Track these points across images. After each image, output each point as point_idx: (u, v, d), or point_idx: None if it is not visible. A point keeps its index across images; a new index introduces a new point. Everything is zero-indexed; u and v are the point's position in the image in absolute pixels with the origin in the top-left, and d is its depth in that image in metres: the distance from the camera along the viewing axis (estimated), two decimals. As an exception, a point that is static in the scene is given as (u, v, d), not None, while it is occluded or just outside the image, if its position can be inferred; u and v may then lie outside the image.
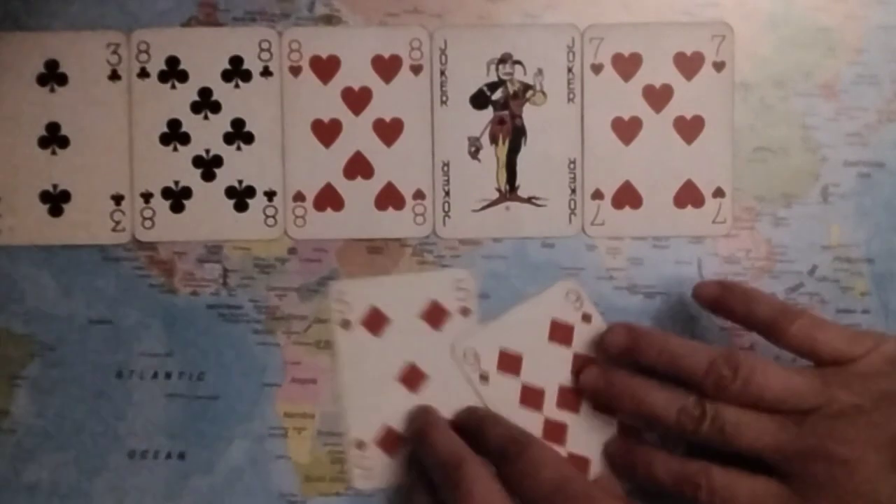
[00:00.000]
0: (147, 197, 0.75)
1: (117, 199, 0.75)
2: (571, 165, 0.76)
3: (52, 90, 0.75)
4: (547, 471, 0.68)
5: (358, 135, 0.76)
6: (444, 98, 0.76)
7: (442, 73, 0.76)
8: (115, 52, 0.75)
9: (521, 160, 0.76)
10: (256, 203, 0.75)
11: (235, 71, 0.75)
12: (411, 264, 0.76)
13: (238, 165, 0.75)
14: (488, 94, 0.76)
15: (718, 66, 0.76)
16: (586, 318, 0.76)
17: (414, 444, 0.75)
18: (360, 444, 0.76)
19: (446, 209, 0.76)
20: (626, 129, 0.76)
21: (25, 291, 0.76)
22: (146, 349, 0.76)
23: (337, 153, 0.76)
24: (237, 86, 0.75)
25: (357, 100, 0.76)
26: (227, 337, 0.76)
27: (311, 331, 0.76)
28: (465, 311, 0.76)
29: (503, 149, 0.76)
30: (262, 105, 0.75)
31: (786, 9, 0.76)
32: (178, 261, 0.76)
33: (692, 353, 0.70)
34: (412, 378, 0.76)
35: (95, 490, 0.76)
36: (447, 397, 0.76)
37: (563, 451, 0.76)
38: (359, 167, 0.76)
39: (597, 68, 0.76)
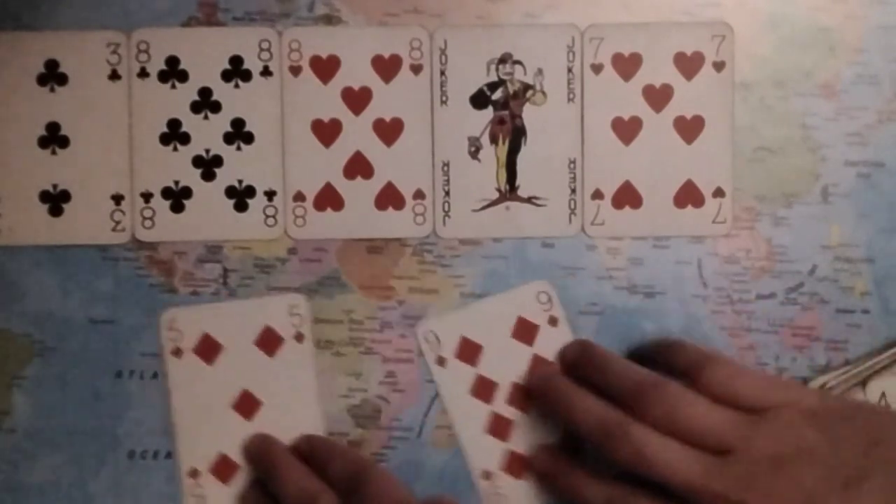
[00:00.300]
0: (147, 197, 0.75)
1: (117, 198, 0.75)
2: (571, 165, 0.76)
3: (52, 90, 0.75)
4: (388, 499, 0.68)
5: (358, 135, 0.76)
6: (444, 98, 0.76)
7: (442, 72, 0.76)
8: (114, 52, 0.75)
9: (521, 160, 0.76)
10: (256, 203, 0.75)
11: (235, 71, 0.75)
12: (411, 264, 0.76)
13: (238, 165, 0.75)
14: (488, 93, 0.76)
15: (718, 66, 0.76)
16: (553, 321, 0.76)
17: (261, 477, 0.75)
18: (194, 473, 0.76)
19: (446, 209, 0.76)
20: (626, 129, 0.76)
21: (25, 291, 0.76)
22: (146, 349, 0.76)
23: (337, 153, 0.76)
24: (237, 86, 0.75)
25: (357, 100, 0.76)
26: (227, 337, 0.77)
27: (311, 331, 0.76)
28: (299, 337, 0.76)
29: (503, 149, 0.76)
30: (262, 105, 0.75)
31: (786, 9, 0.76)
32: (178, 261, 0.76)
33: (625, 373, 0.71)
34: (246, 405, 0.76)
35: (95, 490, 0.76)
36: (282, 424, 0.76)
37: (504, 447, 0.76)
38: (359, 167, 0.76)
39: (597, 68, 0.76)
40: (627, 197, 0.76)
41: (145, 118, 0.75)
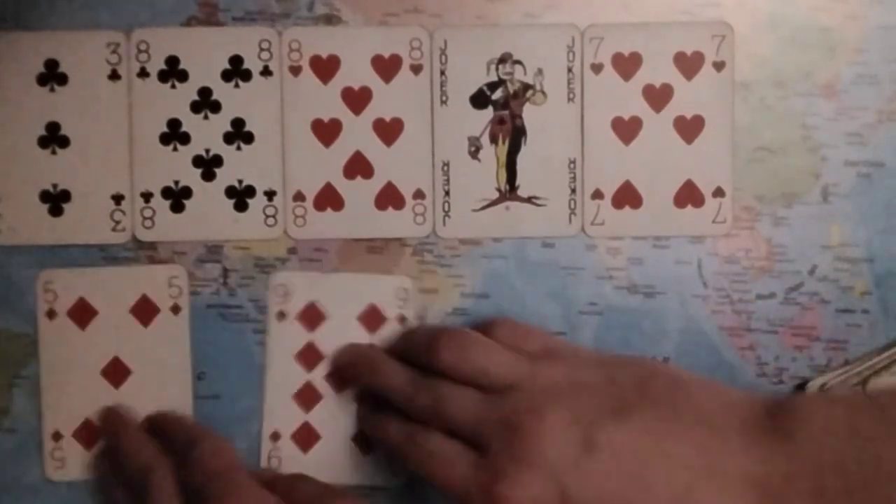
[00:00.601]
0: (147, 197, 0.75)
1: (117, 198, 0.75)
2: (571, 165, 0.76)
3: (52, 90, 0.74)
4: (213, 461, 0.69)
5: (358, 134, 0.76)
6: (444, 98, 0.76)
7: (442, 72, 0.76)
8: (114, 52, 0.75)
9: (521, 160, 0.76)
10: (256, 203, 0.75)
11: (235, 71, 0.75)
12: (411, 264, 0.76)
13: (238, 165, 0.75)
14: (488, 93, 0.76)
15: (718, 66, 0.76)
16: (401, 319, 0.76)
17: (107, 446, 0.75)
18: (56, 436, 0.76)
19: (446, 209, 0.76)
20: (626, 129, 0.76)
21: (25, 291, 0.76)
22: (146, 349, 0.76)
23: (337, 153, 0.76)
24: (237, 85, 0.75)
25: (357, 99, 0.76)
26: (227, 337, 0.76)
27: (311, 331, 0.77)
28: (175, 309, 0.76)
29: (503, 149, 0.76)
30: (262, 105, 0.75)
31: (786, 9, 0.76)
32: (178, 261, 0.76)
33: (419, 330, 0.74)
34: (116, 372, 0.76)
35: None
36: (150, 394, 0.76)
37: (303, 417, 0.76)
38: (359, 167, 0.76)
39: (597, 68, 0.76)
40: (627, 197, 0.76)
41: (145, 118, 0.75)
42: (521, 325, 0.74)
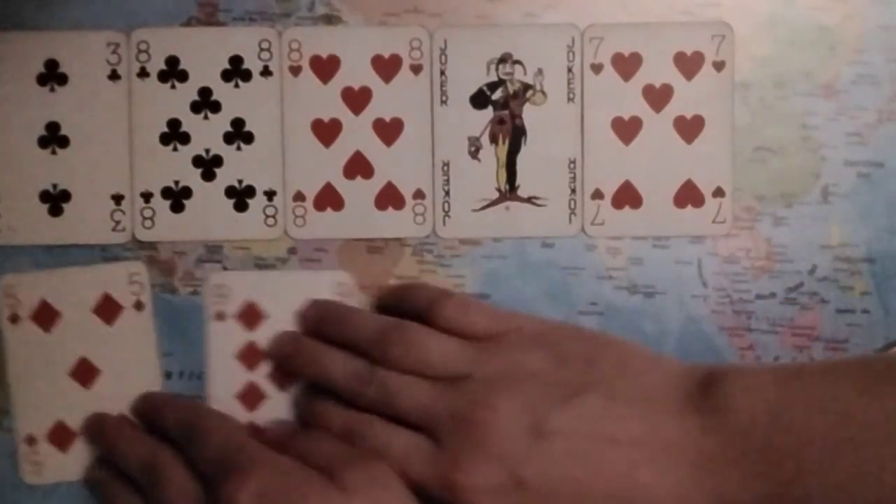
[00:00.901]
0: (147, 197, 0.75)
1: (117, 198, 0.75)
2: (571, 165, 0.76)
3: (52, 90, 0.74)
4: (221, 436, 0.69)
5: (358, 134, 0.76)
6: (444, 98, 0.76)
7: (442, 72, 0.76)
8: (114, 52, 0.74)
9: (521, 160, 0.76)
10: (256, 203, 0.75)
11: (235, 71, 0.75)
12: (411, 264, 0.76)
13: (238, 165, 0.75)
14: (488, 93, 0.76)
15: (718, 66, 0.76)
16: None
17: (107, 454, 0.75)
18: (31, 440, 0.76)
19: (446, 209, 0.76)
20: (626, 129, 0.76)
21: (25, 291, 0.76)
22: (146, 349, 0.76)
23: (337, 153, 0.76)
24: (237, 85, 0.75)
25: (357, 99, 0.76)
26: (227, 337, 0.77)
27: (310, 331, 0.76)
28: (139, 305, 0.76)
29: (503, 149, 0.76)
30: (262, 105, 0.75)
31: (786, 9, 0.76)
32: (178, 261, 0.76)
33: (366, 322, 0.73)
34: (84, 373, 0.76)
35: (95, 490, 0.76)
36: (121, 392, 0.76)
37: (248, 416, 0.76)
38: (359, 167, 0.76)
39: (597, 68, 0.76)
40: (627, 197, 0.76)
41: (145, 118, 0.75)
42: (465, 302, 0.74)
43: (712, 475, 0.65)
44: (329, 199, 0.76)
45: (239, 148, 0.75)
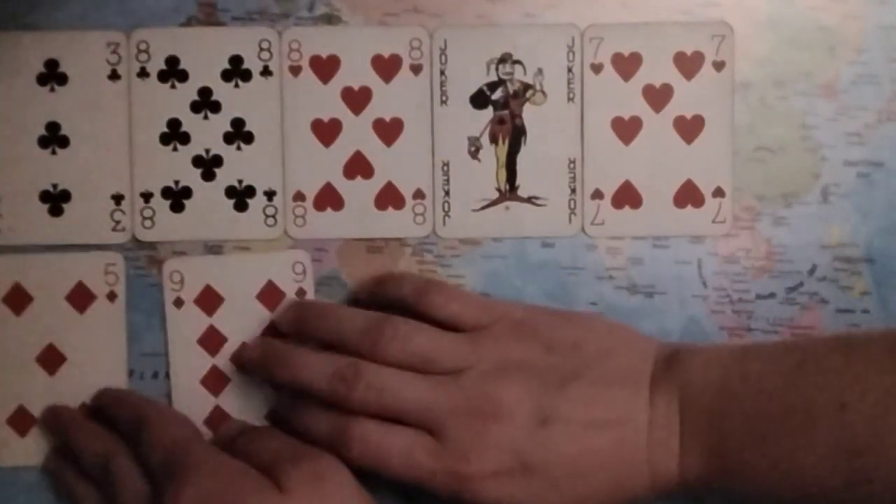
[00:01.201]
0: (147, 197, 0.75)
1: (117, 198, 0.75)
2: (571, 165, 0.76)
3: (52, 90, 0.74)
4: (166, 436, 0.69)
5: (358, 134, 0.76)
6: (443, 98, 0.76)
7: (442, 72, 0.76)
8: (114, 52, 0.74)
9: (521, 160, 0.76)
10: (256, 203, 0.75)
11: (235, 70, 0.75)
12: (411, 264, 0.76)
13: (238, 165, 0.75)
14: (488, 93, 0.76)
15: (718, 66, 0.76)
16: (301, 293, 0.76)
17: (65, 446, 0.75)
18: None
19: (446, 209, 0.76)
20: (626, 129, 0.76)
21: (25, 291, 0.76)
22: (146, 349, 0.76)
23: (337, 153, 0.76)
24: (237, 85, 0.75)
25: (357, 99, 0.76)
26: (227, 336, 0.77)
27: (310, 330, 0.76)
28: (111, 296, 0.76)
29: (503, 148, 0.76)
30: (262, 105, 0.75)
31: (786, 9, 0.76)
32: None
33: (350, 319, 0.72)
34: (50, 359, 0.76)
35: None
36: (85, 382, 0.76)
37: (213, 401, 0.76)
38: (359, 167, 0.76)
39: (597, 68, 0.76)
40: (627, 197, 0.76)
41: (145, 118, 0.75)
42: (450, 291, 0.74)
43: (677, 447, 0.69)
44: (329, 198, 0.76)
45: (239, 148, 0.75)
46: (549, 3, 0.76)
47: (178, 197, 0.75)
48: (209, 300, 0.76)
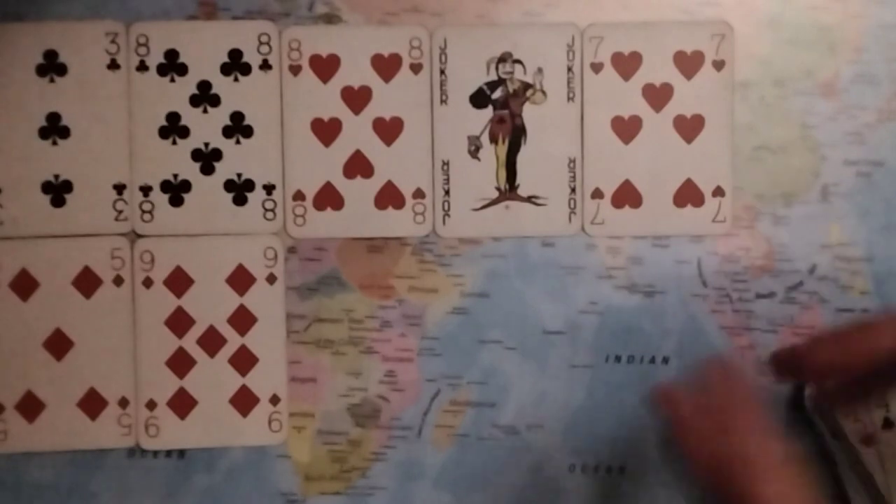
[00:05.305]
0: (146, 190, 0.75)
1: (119, 188, 0.75)
2: (571, 164, 0.76)
3: (52, 80, 0.75)
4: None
5: (358, 134, 0.76)
6: (443, 97, 0.76)
7: (442, 71, 0.76)
8: (113, 42, 0.75)
9: (521, 159, 0.76)
10: (255, 197, 0.75)
11: (234, 64, 0.75)
12: (411, 263, 0.76)
13: (237, 159, 0.75)
14: (488, 92, 0.76)
15: (718, 66, 0.76)
16: (271, 279, 0.76)
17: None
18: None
19: (446, 208, 0.76)
20: (626, 128, 0.76)
21: (24, 288, 0.76)
22: (145, 346, 0.76)
23: (337, 152, 0.76)
24: (236, 79, 0.75)
25: (357, 99, 0.76)
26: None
27: (311, 330, 0.76)
28: (118, 281, 0.76)
29: (503, 148, 0.76)
30: (262, 98, 0.75)
31: (786, 8, 0.76)
32: (177, 258, 0.76)
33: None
34: (58, 344, 0.76)
35: (96, 489, 0.76)
36: (92, 366, 0.76)
37: (177, 383, 0.76)
38: (358, 166, 0.76)
39: (597, 67, 0.76)
40: (627, 196, 0.76)
41: (144, 111, 0.75)
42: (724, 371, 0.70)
43: None
44: (329, 198, 0.76)
45: (238, 142, 0.75)
46: (548, 2, 0.76)
47: (177, 190, 0.75)
48: (179, 281, 0.76)
